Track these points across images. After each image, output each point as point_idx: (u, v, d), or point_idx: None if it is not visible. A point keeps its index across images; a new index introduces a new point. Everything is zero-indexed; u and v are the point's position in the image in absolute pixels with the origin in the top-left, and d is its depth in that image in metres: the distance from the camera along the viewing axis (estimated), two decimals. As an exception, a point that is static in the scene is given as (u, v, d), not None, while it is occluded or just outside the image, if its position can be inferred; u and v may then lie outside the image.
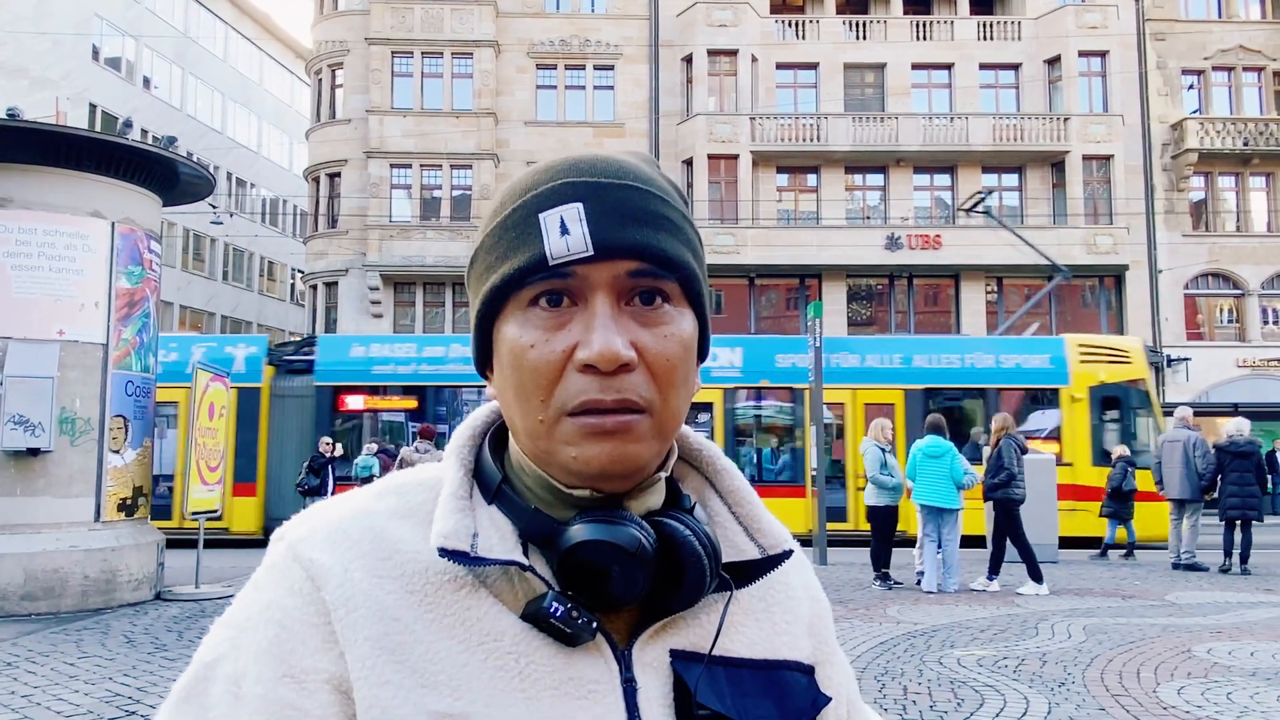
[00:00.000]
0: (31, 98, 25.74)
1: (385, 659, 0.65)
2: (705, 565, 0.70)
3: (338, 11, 26.41)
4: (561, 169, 0.70)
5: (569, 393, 0.66)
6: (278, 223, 40.70)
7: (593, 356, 0.65)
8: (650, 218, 0.69)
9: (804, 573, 0.85)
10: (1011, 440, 10.06)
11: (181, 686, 0.69)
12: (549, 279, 0.67)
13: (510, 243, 0.69)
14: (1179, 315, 25.15)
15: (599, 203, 0.67)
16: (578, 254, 0.66)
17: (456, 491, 0.72)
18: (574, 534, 0.68)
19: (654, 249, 0.68)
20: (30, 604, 8.11)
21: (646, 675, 0.70)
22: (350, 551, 0.68)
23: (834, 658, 0.84)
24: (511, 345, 0.69)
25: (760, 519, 0.78)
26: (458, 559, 0.67)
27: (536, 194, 0.69)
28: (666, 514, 0.71)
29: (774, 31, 26.18)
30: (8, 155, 8.57)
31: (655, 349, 0.68)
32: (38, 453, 8.34)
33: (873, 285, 25.59)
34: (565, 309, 0.68)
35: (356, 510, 0.72)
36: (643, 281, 0.68)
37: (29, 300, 8.47)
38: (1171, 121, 25.63)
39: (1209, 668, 6.19)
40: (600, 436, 0.66)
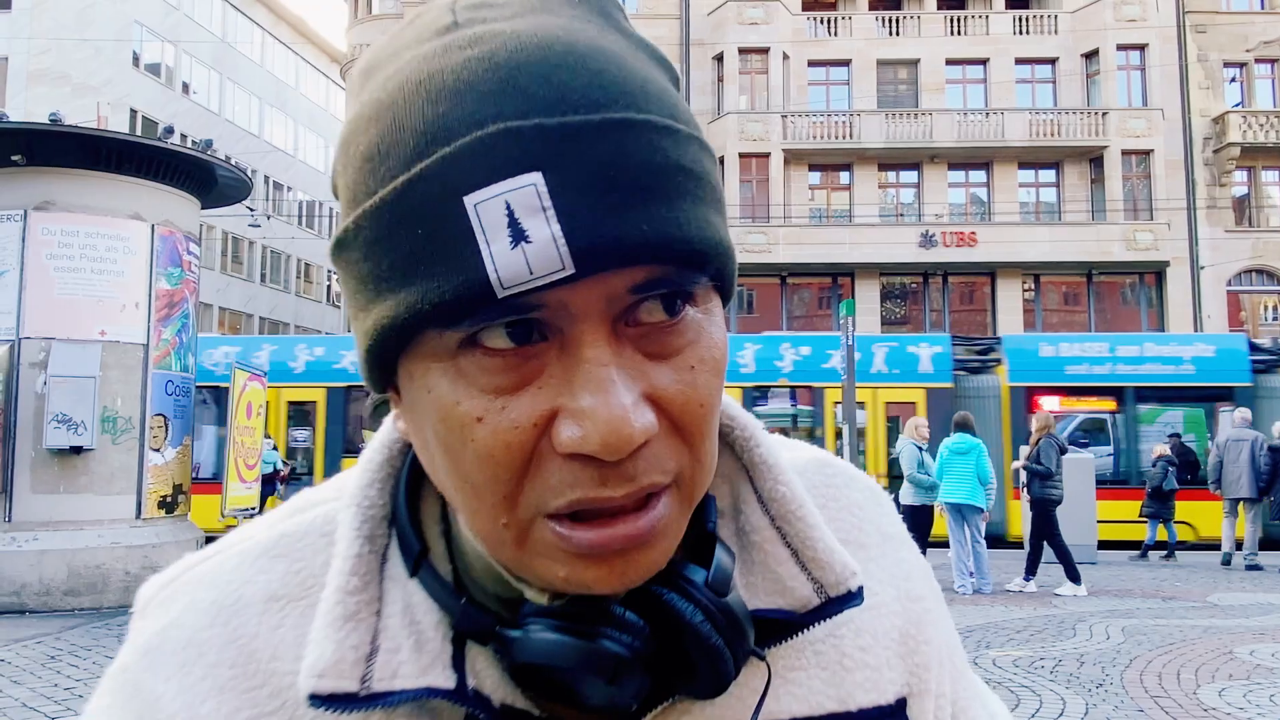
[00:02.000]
0: (74, 103, 26.28)
1: None
2: (725, 660, 0.48)
3: (371, 15, 26.70)
4: (490, 88, 0.40)
5: (549, 488, 0.42)
6: (314, 225, 41.23)
7: (592, 444, 0.41)
8: (661, 178, 0.42)
9: (896, 559, 0.61)
10: (1051, 440, 9.97)
11: None
12: (499, 318, 0.41)
13: (417, 247, 0.41)
14: (1221, 312, 24.68)
15: (570, 167, 0.40)
16: (546, 275, 0.40)
17: (346, 582, 0.48)
18: (523, 647, 0.46)
19: (673, 240, 0.41)
20: (73, 599, 8.28)
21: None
22: (204, 683, 0.48)
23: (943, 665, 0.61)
24: (444, 410, 0.43)
25: (816, 543, 0.53)
26: (341, 707, 0.45)
27: (453, 152, 0.40)
28: (670, 580, 0.48)
29: (806, 28, 26.05)
30: (51, 159, 8.76)
31: (684, 395, 0.44)
32: (80, 451, 8.51)
33: (907, 284, 25.38)
34: (531, 348, 0.42)
35: (223, 603, 0.50)
36: (654, 294, 0.43)
37: (71, 301, 8.64)
38: (1213, 115, 25.15)
39: (1251, 669, 6.07)
40: (601, 557, 0.43)
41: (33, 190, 8.68)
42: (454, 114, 0.40)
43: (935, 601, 0.62)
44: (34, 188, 8.69)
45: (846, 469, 0.63)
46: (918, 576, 0.61)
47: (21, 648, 6.69)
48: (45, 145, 8.81)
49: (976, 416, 15.21)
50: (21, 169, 8.66)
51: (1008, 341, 16.47)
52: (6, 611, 8.05)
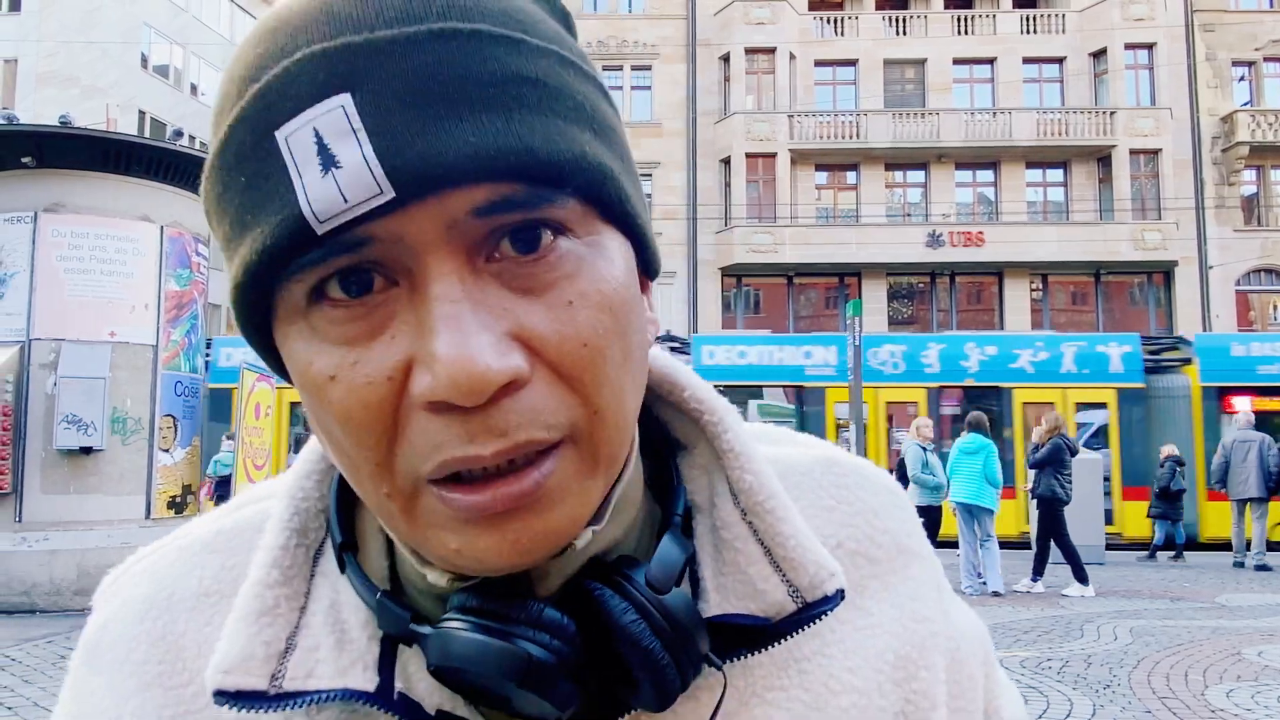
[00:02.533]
0: (82, 105, 26.40)
1: None
2: (664, 666, 0.43)
3: (379, 16, 26.77)
4: (301, 21, 0.38)
5: (417, 449, 0.38)
6: (321, 226, 41.40)
7: (440, 387, 0.36)
8: (495, 88, 0.37)
9: (899, 579, 0.54)
10: (1061, 440, 9.96)
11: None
12: (327, 257, 0.37)
13: (243, 195, 0.39)
14: (1230, 312, 24.58)
15: (382, 84, 0.36)
16: (362, 202, 0.36)
17: (267, 575, 0.45)
18: (435, 647, 0.42)
19: (515, 152, 0.37)
20: (83, 599, 8.30)
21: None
22: (132, 679, 0.47)
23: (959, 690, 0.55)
24: (302, 372, 0.40)
25: (787, 539, 0.48)
26: (246, 705, 0.42)
27: (262, 87, 0.38)
28: (604, 574, 0.44)
29: (812, 28, 26.03)
30: (61, 161, 8.81)
31: (559, 333, 0.39)
32: (90, 451, 8.55)
33: (914, 283, 25.34)
34: (376, 295, 0.38)
35: (156, 597, 0.49)
36: (504, 218, 0.38)
37: (81, 302, 8.69)
38: (1222, 114, 25.06)
39: (1259, 670, 6.06)
40: (490, 522, 0.39)
41: (43, 192, 8.74)
42: (269, 50, 0.38)
43: (939, 627, 0.55)
44: (44, 189, 8.74)
45: (860, 468, 0.57)
46: (926, 596, 0.55)
47: (32, 647, 6.73)
48: (55, 147, 8.86)
49: (1165, 417, 15.03)
50: (32, 171, 8.71)
51: (1200, 340, 16.23)
52: (17, 611, 8.10)
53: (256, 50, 0.38)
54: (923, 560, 0.56)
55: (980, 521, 9.60)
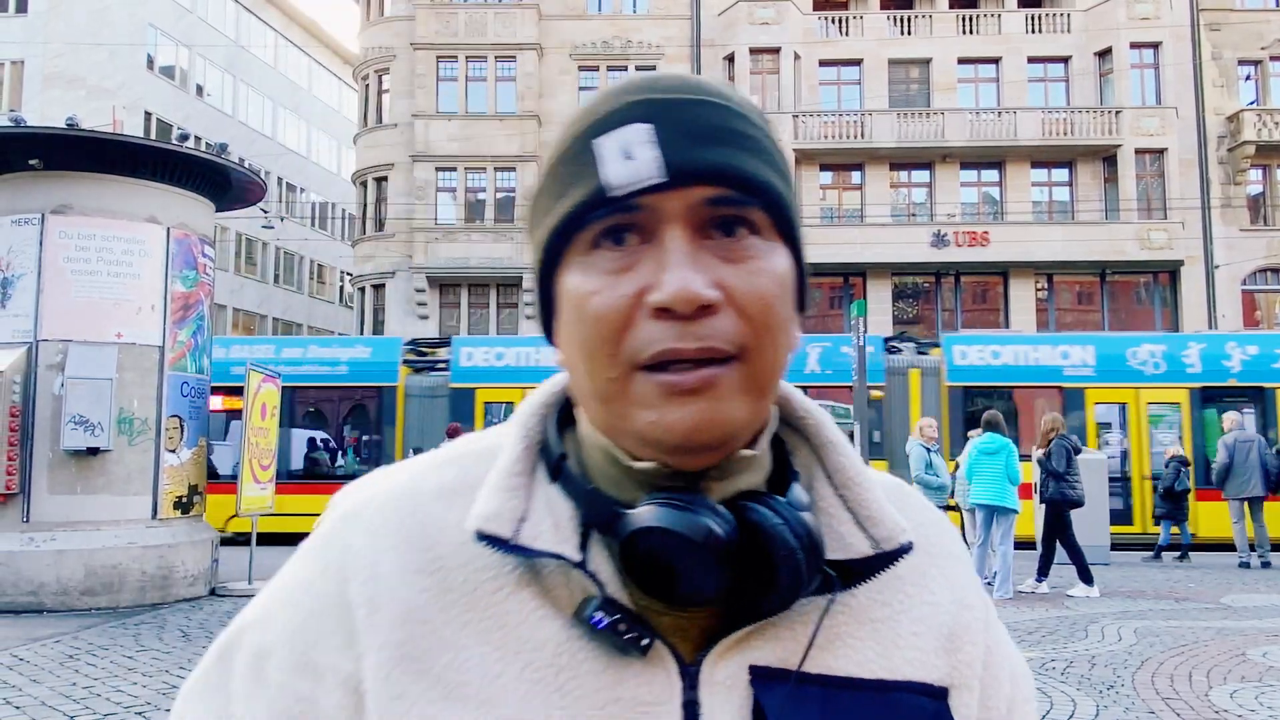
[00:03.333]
0: (89, 106, 26.48)
1: (405, 669, 0.59)
2: (800, 561, 0.58)
3: (384, 18, 26.79)
4: (626, 88, 0.61)
5: (640, 341, 0.57)
6: (327, 226, 41.39)
7: (666, 297, 0.56)
8: (730, 135, 0.59)
9: (953, 573, 0.70)
10: (1064, 441, 9.91)
11: (219, 643, 0.68)
12: (611, 214, 0.58)
13: (567, 178, 0.61)
14: (1236, 312, 24.52)
15: (669, 122, 0.58)
16: (645, 180, 0.57)
17: (511, 467, 0.63)
18: (633, 519, 0.58)
19: (735, 170, 0.59)
20: (90, 599, 8.37)
21: (716, 696, 0.60)
22: (387, 540, 0.62)
23: (989, 682, 0.69)
24: (573, 295, 0.60)
25: (871, 505, 0.65)
26: (496, 545, 0.60)
27: (596, 118, 0.60)
28: (756, 498, 0.60)
29: (817, 28, 26.02)
30: (67, 163, 8.85)
31: (744, 286, 0.58)
32: (97, 452, 8.59)
33: (919, 283, 25.32)
34: (633, 248, 0.59)
35: (405, 487, 0.65)
36: (723, 210, 0.59)
37: (88, 303, 8.73)
38: (1228, 113, 24.99)
39: (1264, 671, 6.06)
40: (683, 396, 0.57)
41: (50, 194, 8.78)
42: (601, 102, 0.62)
43: (985, 611, 0.71)
44: (51, 191, 8.78)
45: (921, 498, 0.75)
46: (972, 590, 0.71)
47: (40, 647, 6.77)
48: (62, 149, 8.90)
49: None
50: (39, 173, 8.76)
51: None
52: (25, 611, 8.14)
53: (596, 101, 0.62)
54: (967, 565, 0.73)
55: (999, 523, 9.50)
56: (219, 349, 16.26)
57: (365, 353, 16.66)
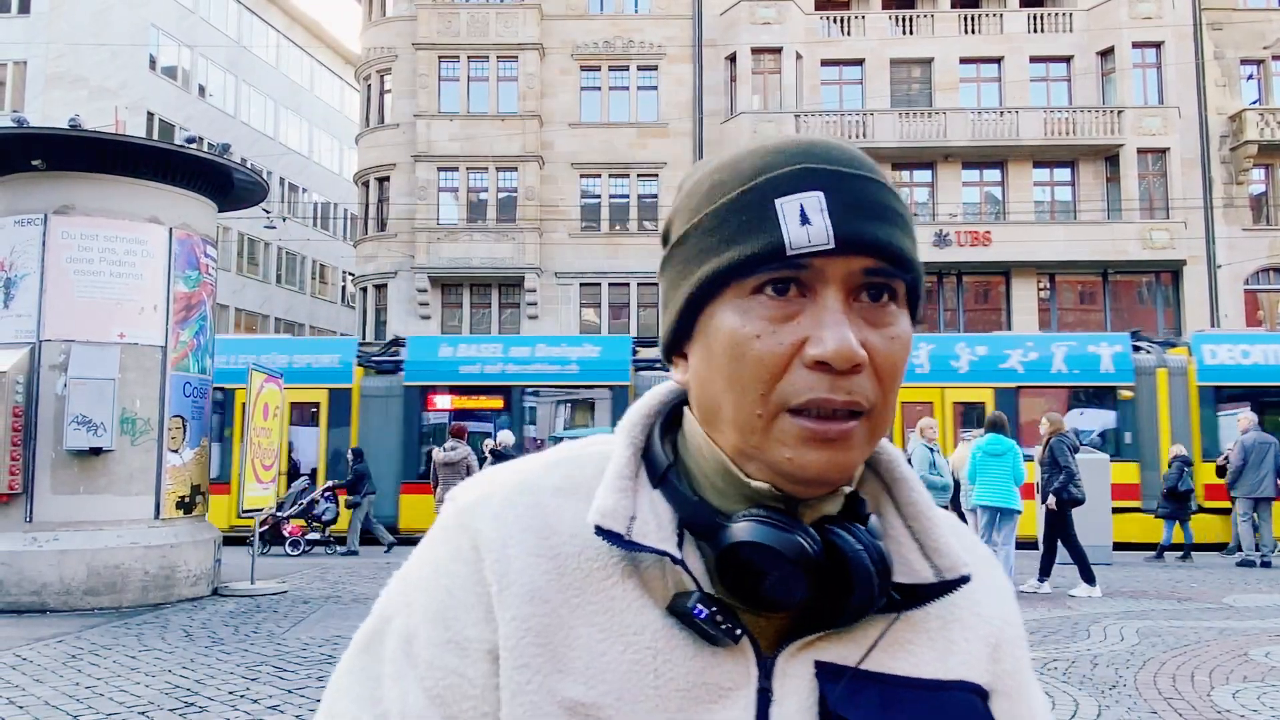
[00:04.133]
0: (91, 106, 26.51)
1: (529, 640, 0.65)
2: (874, 584, 0.66)
3: (386, 18, 26.80)
4: (797, 153, 0.67)
5: (794, 388, 0.64)
6: (329, 226, 41.41)
7: (828, 353, 0.63)
8: (888, 213, 0.66)
9: (997, 598, 0.78)
10: (1063, 440, 9.90)
11: (362, 635, 0.72)
12: (783, 268, 0.64)
13: (740, 226, 0.66)
14: (1239, 311, 24.50)
15: (839, 193, 0.65)
16: (818, 245, 0.63)
17: (622, 470, 0.70)
18: (736, 531, 0.65)
19: (893, 247, 0.65)
20: (93, 598, 8.38)
21: (787, 685, 0.67)
22: (512, 526, 0.68)
23: (1021, 692, 0.76)
24: (732, 333, 0.66)
25: (938, 538, 0.73)
26: (611, 539, 0.66)
27: (772, 177, 0.66)
28: (839, 524, 0.67)
29: (819, 28, 26.01)
30: (70, 163, 8.85)
31: (884, 350, 0.65)
32: (100, 452, 8.60)
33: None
34: (793, 300, 0.65)
35: (524, 483, 0.72)
36: (875, 280, 0.65)
37: (91, 304, 8.74)
38: (1230, 113, 24.97)
39: (1266, 671, 6.05)
40: (821, 444, 0.64)
41: (53, 194, 8.79)
42: (776, 160, 0.67)
43: (1019, 629, 0.79)
44: (54, 192, 8.79)
45: (973, 535, 0.82)
46: (1015, 614, 0.79)
47: (43, 646, 6.78)
48: (65, 150, 8.91)
49: None
50: (41, 173, 8.76)
51: None
52: (28, 611, 8.16)
53: (764, 158, 0.67)
54: (1012, 597, 0.80)
55: (1002, 524, 9.48)
56: (446, 347, 16.40)
57: (595, 351, 16.40)
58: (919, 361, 15.51)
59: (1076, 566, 9.52)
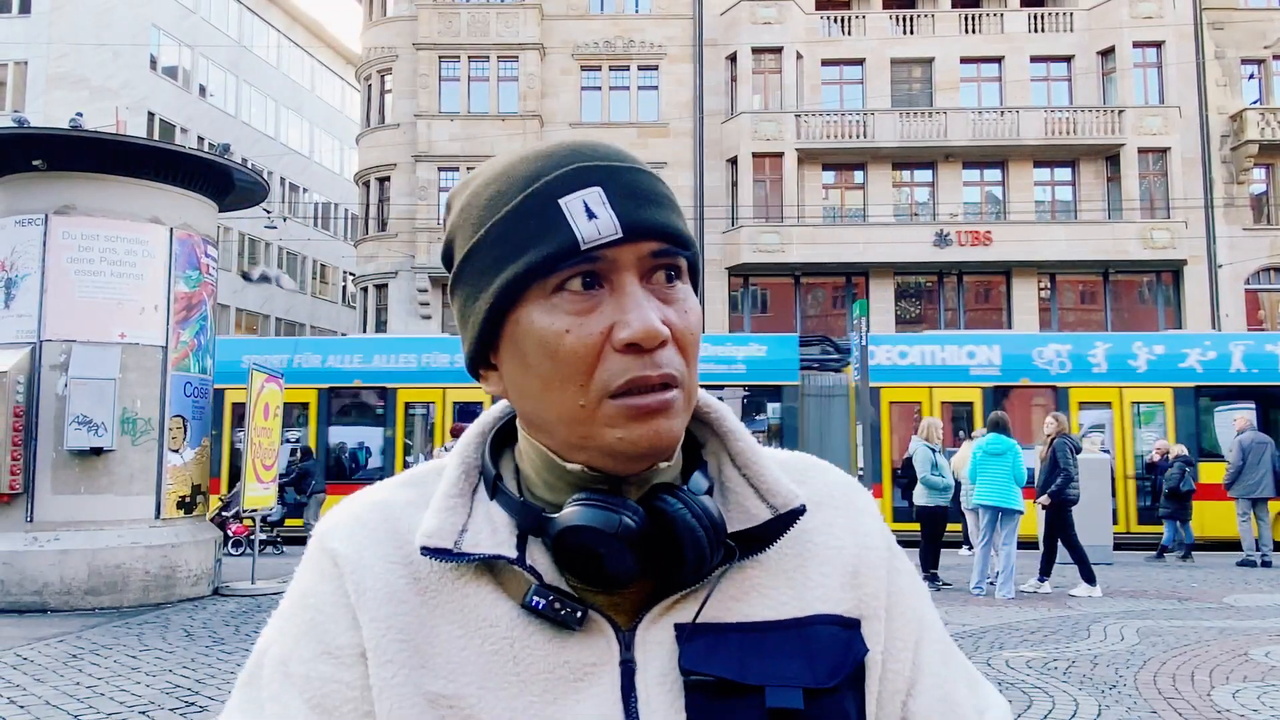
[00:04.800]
0: (92, 106, 26.51)
1: (390, 638, 0.69)
2: (702, 541, 0.68)
3: (386, 18, 26.80)
4: (568, 154, 0.70)
5: (610, 374, 0.67)
6: (329, 226, 41.41)
7: (636, 334, 0.66)
8: (661, 199, 0.71)
9: (854, 524, 0.80)
10: (1066, 441, 9.91)
11: (243, 674, 0.75)
12: (580, 263, 0.67)
13: (530, 230, 0.68)
14: (1240, 311, 24.48)
15: (615, 185, 0.69)
16: (609, 236, 0.67)
17: (449, 490, 0.74)
18: (559, 520, 0.69)
19: (672, 229, 0.70)
20: (94, 598, 8.38)
21: (648, 653, 0.70)
22: (366, 540, 0.73)
23: (895, 611, 0.78)
24: (541, 334, 0.68)
25: (766, 478, 0.76)
26: (439, 556, 0.70)
27: (550, 179, 0.69)
28: (663, 491, 0.70)
29: (819, 28, 26.01)
30: (71, 164, 8.86)
31: (680, 324, 0.69)
32: (100, 452, 8.61)
33: (921, 283, 25.30)
34: (594, 292, 0.68)
35: (375, 501, 0.77)
36: (663, 260, 0.70)
37: (92, 304, 8.74)
38: (1231, 112, 24.95)
39: (1266, 671, 6.05)
40: (644, 417, 0.67)
41: (53, 194, 8.79)
42: (550, 163, 0.70)
43: (882, 550, 0.80)
44: (55, 192, 8.80)
45: (827, 466, 0.85)
46: (875, 533, 0.80)
47: (44, 646, 6.78)
48: (66, 150, 8.91)
49: None
50: (42, 173, 8.77)
51: None
52: (29, 610, 8.16)
53: (538, 164, 0.70)
54: (873, 517, 0.82)
55: (1003, 524, 9.47)
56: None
57: (761, 350, 16.17)
58: (1095, 361, 15.45)
59: (1077, 566, 9.53)
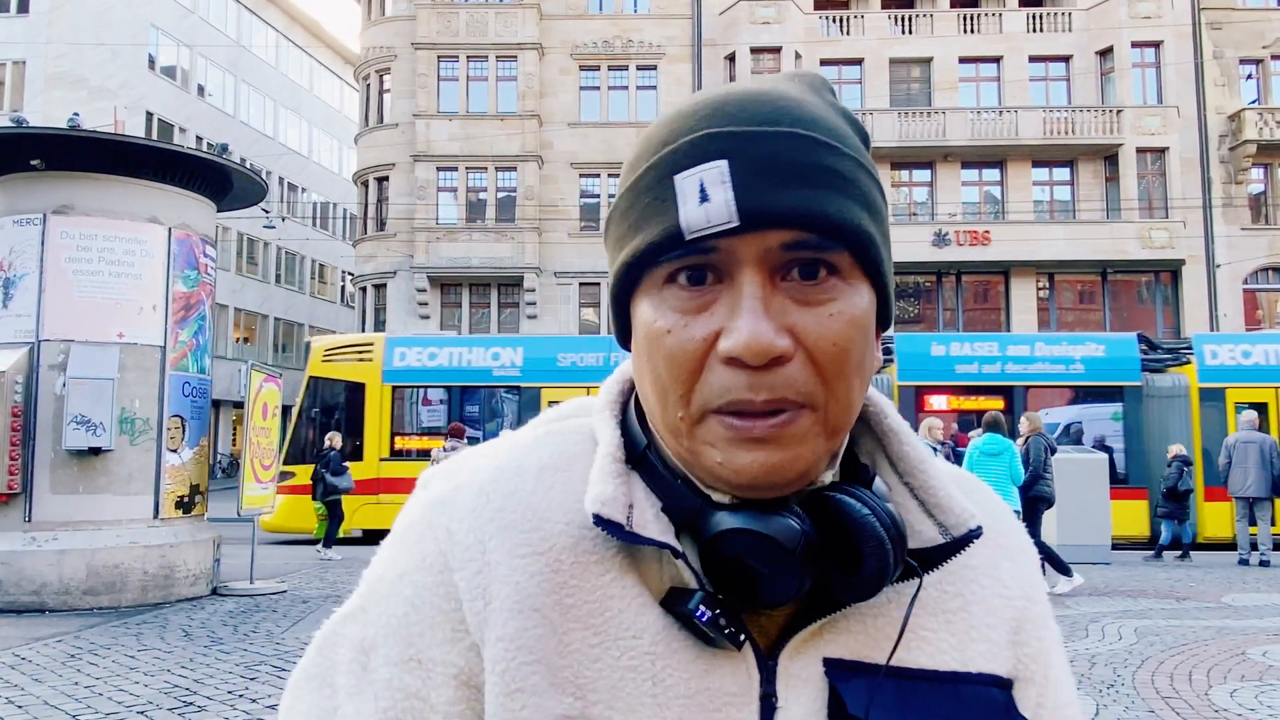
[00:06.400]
0: (91, 106, 26.51)
1: (521, 660, 0.58)
2: (888, 550, 0.58)
3: (385, 17, 26.80)
4: (704, 115, 0.59)
5: (713, 389, 0.57)
6: (328, 226, 41.41)
7: (737, 348, 0.55)
8: (814, 172, 0.57)
9: (1020, 566, 0.70)
10: (1041, 439, 10.00)
11: (320, 636, 0.66)
12: (685, 255, 0.57)
13: (643, 210, 0.59)
14: (1238, 310, 24.51)
15: (748, 158, 0.56)
16: (719, 225, 0.56)
17: (614, 452, 0.63)
18: (722, 519, 0.59)
19: (815, 214, 0.56)
20: (92, 598, 8.38)
21: (792, 690, 0.61)
22: (492, 523, 0.61)
23: (1047, 674, 0.69)
24: (646, 328, 0.60)
25: (938, 492, 0.64)
26: (611, 531, 0.59)
27: (673, 149, 0.58)
28: (840, 488, 0.61)
29: (818, 28, 26.02)
30: (69, 163, 8.85)
31: (817, 333, 0.57)
32: (99, 452, 8.60)
33: (920, 282, 25.32)
34: (709, 287, 0.58)
35: (505, 466, 0.64)
36: (802, 254, 0.57)
37: (90, 304, 8.74)
38: (1229, 112, 24.98)
39: (1264, 670, 6.06)
40: (753, 443, 0.57)
41: (52, 194, 8.79)
42: (680, 127, 0.59)
43: (1044, 604, 0.71)
44: (53, 192, 8.79)
45: (991, 491, 0.74)
46: (1038, 586, 0.71)
47: (42, 646, 6.78)
48: (64, 150, 8.91)
49: None
50: (41, 173, 8.76)
51: None
52: (27, 610, 8.16)
53: (671, 126, 0.60)
54: (1034, 561, 0.72)
55: None
56: (938, 345, 15.62)
57: (1099, 350, 15.65)
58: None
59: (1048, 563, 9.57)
